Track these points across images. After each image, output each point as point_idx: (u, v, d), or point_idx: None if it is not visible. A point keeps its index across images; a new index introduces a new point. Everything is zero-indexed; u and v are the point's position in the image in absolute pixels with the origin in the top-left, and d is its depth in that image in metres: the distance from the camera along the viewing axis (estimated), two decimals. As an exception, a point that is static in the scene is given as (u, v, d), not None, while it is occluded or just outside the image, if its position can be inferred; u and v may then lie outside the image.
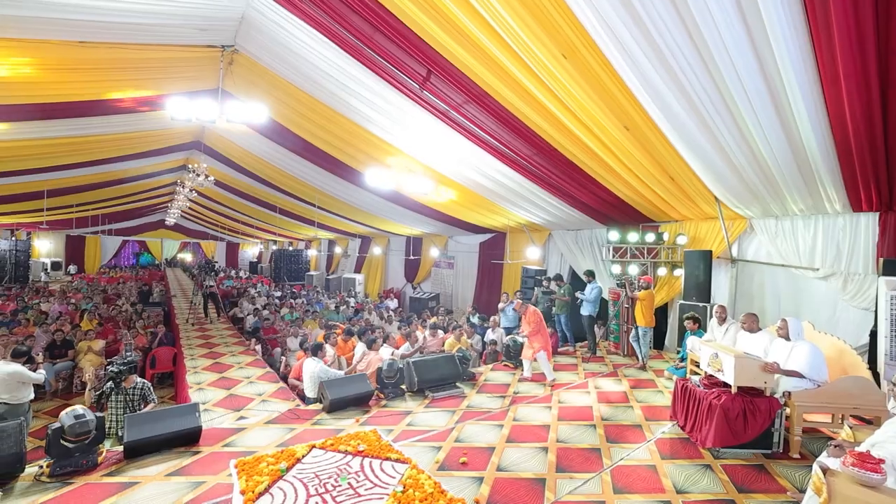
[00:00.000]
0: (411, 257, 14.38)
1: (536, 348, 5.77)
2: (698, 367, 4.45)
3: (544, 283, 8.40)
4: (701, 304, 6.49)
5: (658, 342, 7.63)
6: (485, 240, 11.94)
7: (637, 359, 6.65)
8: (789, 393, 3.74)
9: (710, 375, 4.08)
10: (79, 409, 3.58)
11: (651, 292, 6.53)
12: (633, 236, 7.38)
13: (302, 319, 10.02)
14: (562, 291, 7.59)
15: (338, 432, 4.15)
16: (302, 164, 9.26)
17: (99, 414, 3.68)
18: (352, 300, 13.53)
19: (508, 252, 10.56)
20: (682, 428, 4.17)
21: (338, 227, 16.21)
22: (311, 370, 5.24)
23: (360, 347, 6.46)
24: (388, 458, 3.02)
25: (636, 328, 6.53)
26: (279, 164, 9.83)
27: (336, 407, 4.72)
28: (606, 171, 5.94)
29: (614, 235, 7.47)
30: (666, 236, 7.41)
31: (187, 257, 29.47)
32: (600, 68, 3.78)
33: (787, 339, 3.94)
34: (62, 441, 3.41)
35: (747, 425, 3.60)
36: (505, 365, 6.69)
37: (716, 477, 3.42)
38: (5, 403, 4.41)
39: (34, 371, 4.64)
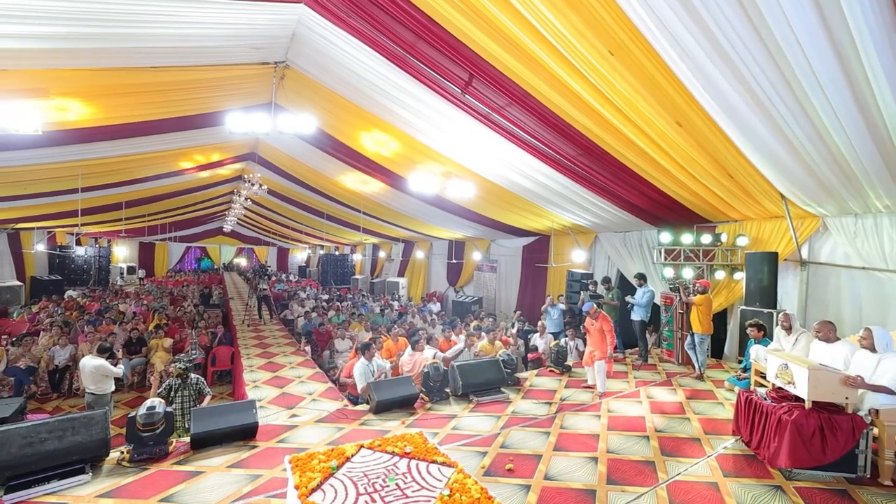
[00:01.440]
0: (454, 261, 14.43)
1: (597, 356, 5.52)
2: (764, 378, 4.11)
3: (591, 286, 8.14)
4: (766, 311, 6.02)
5: (716, 351, 7.15)
6: (528, 243, 11.76)
7: (693, 368, 6.27)
8: (877, 411, 3.37)
9: (779, 388, 3.77)
10: (153, 401, 3.90)
11: (708, 297, 6.14)
12: (686, 238, 6.98)
13: (348, 322, 10.33)
14: (610, 295, 7.32)
15: (384, 433, 4.23)
16: (349, 171, 9.59)
17: (168, 408, 3.98)
18: (396, 303, 13.78)
19: (553, 255, 10.33)
20: (747, 444, 3.87)
21: (382, 232, 16.60)
22: (360, 366, 5.41)
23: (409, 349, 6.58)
24: (434, 462, 3.03)
25: (692, 335, 6.16)
26: (327, 171, 10.23)
27: (382, 408, 4.82)
28: (657, 170, 5.66)
29: (666, 237, 7.11)
30: (724, 237, 6.94)
31: (242, 262, 31.34)
32: (650, 63, 3.62)
33: (873, 350, 3.55)
34: (137, 430, 3.72)
35: (826, 445, 3.27)
36: (551, 371, 6.54)
37: (789, 500, 3.15)
38: (92, 394, 4.90)
39: (115, 366, 5.10)
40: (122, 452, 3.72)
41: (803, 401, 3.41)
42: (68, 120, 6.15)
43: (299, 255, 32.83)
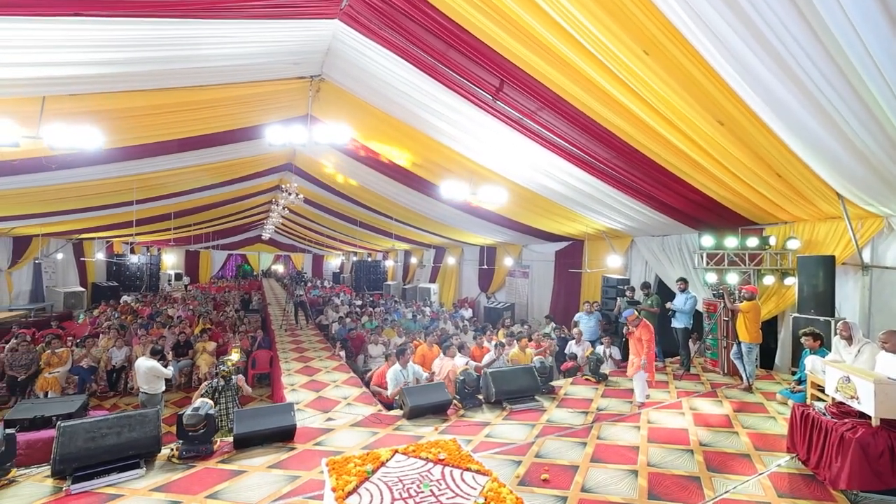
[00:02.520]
0: (485, 267, 14.37)
1: (637, 365, 5.32)
2: (822, 391, 3.83)
3: (628, 292, 7.88)
4: (821, 319, 5.61)
5: (766, 361, 6.73)
6: (561, 248, 11.55)
7: (741, 378, 5.92)
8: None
9: (840, 403, 3.50)
10: (200, 402, 4.09)
11: (756, 304, 5.80)
12: (731, 241, 6.64)
13: (381, 328, 10.48)
14: (649, 302, 7.07)
15: (417, 439, 4.25)
16: (381, 179, 9.78)
17: (211, 411, 4.17)
18: (427, 309, 13.85)
19: (587, 260, 10.09)
20: (804, 462, 3.61)
21: (414, 239, 16.78)
22: (394, 371, 5.48)
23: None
24: (468, 469, 3.01)
25: (738, 344, 5.83)
26: (360, 180, 10.48)
27: (415, 414, 4.84)
28: (697, 171, 5.44)
29: (708, 241, 6.80)
30: (773, 240, 6.55)
31: (279, 268, 32.49)
32: (688, 60, 3.50)
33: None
34: (186, 428, 3.92)
35: None
36: (587, 379, 6.36)
37: (853, 524, 2.91)
38: (145, 393, 5.21)
39: (165, 367, 5.41)
40: (172, 449, 3.93)
41: (869, 417, 3.14)
42: (124, 138, 6.63)
43: (333, 262, 33.69)
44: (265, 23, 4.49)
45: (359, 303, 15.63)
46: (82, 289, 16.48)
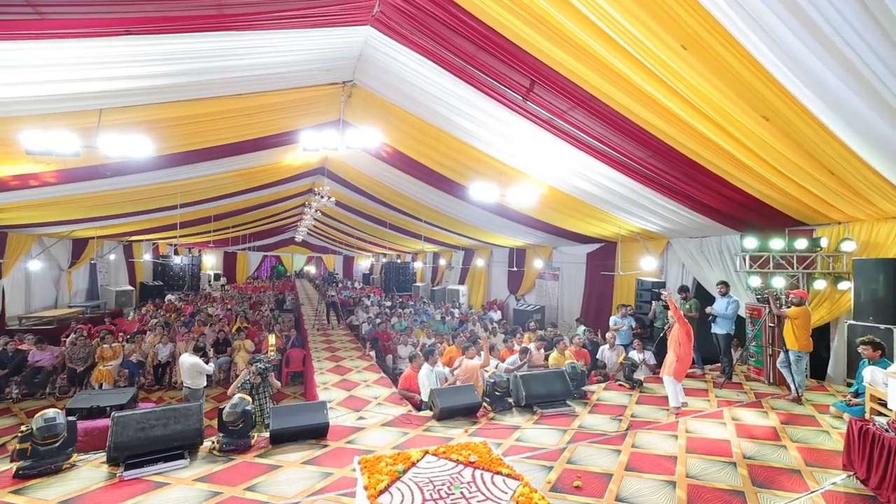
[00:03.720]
0: (514, 269, 14.23)
1: (668, 364, 5.11)
2: (884, 405, 3.56)
3: (664, 296, 7.59)
4: (882, 327, 5.22)
5: (817, 371, 6.33)
6: (593, 250, 11.29)
7: (788, 389, 5.58)
8: None
9: (903, 417, 3.24)
10: (239, 399, 4.26)
11: (806, 309, 5.46)
12: (776, 243, 6.29)
13: (410, 329, 10.57)
14: (688, 306, 6.80)
15: (447, 440, 4.25)
16: (411, 182, 9.88)
17: (249, 407, 4.33)
18: (456, 311, 13.86)
19: (620, 263, 9.81)
20: (864, 482, 3.36)
21: (443, 241, 16.84)
22: (424, 374, 5.51)
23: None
24: (499, 473, 2.99)
25: (786, 352, 5.50)
26: (391, 183, 10.63)
27: (445, 415, 4.85)
28: (739, 170, 5.18)
29: (751, 242, 6.47)
30: (824, 242, 6.15)
31: (311, 269, 33.39)
32: (731, 55, 3.34)
33: None
34: (226, 423, 4.09)
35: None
36: (620, 385, 6.18)
37: (919, 549, 2.68)
38: (188, 388, 5.48)
39: (207, 364, 5.67)
40: (213, 442, 4.11)
41: (936, 434, 2.90)
42: (170, 146, 7.01)
43: (363, 263, 34.29)
44: (300, 32, 4.64)
45: (388, 304, 15.83)
46: (132, 287, 17.53)
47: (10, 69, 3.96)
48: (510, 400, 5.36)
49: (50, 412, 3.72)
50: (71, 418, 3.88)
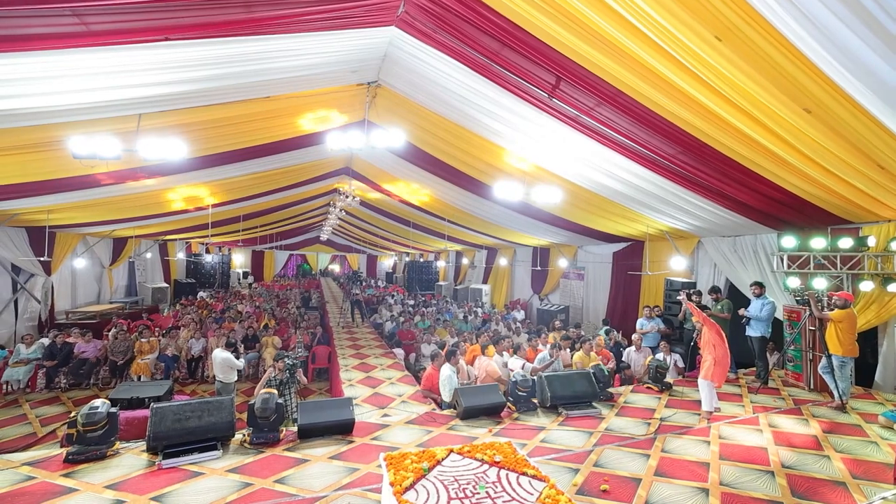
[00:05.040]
0: (538, 268, 14.08)
1: (705, 367, 4.94)
2: (937, 414, 3.34)
3: (694, 297, 7.35)
4: (935, 331, 4.89)
5: (863, 378, 5.99)
6: (619, 249, 11.04)
7: (831, 396, 5.31)
8: None
9: (960, 428, 3.02)
10: (269, 394, 4.38)
11: (851, 312, 5.18)
12: (818, 242, 5.98)
13: (433, 328, 10.61)
14: (719, 307, 6.55)
15: (471, 440, 4.25)
16: (434, 180, 9.91)
17: (279, 400, 4.45)
18: (479, 310, 13.82)
19: (647, 262, 9.56)
20: (914, 494, 3.16)
21: (466, 240, 16.83)
22: (445, 374, 5.52)
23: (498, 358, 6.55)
24: (524, 473, 2.96)
25: (829, 357, 5.23)
26: (414, 181, 10.69)
27: (469, 415, 4.85)
28: (777, 166, 4.95)
29: (790, 241, 6.18)
30: (872, 241, 5.81)
31: (336, 268, 33.99)
32: (770, 44, 3.19)
33: None
34: (256, 417, 4.21)
35: None
36: (648, 387, 6.03)
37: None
38: (220, 381, 5.67)
39: (237, 359, 5.86)
40: (244, 435, 4.25)
41: None
42: (203, 148, 7.27)
43: (386, 262, 34.65)
44: (327, 34, 4.72)
45: (411, 302, 15.94)
46: (167, 284, 18.29)
47: (59, 79, 4.19)
48: (535, 400, 5.30)
49: (97, 402, 3.94)
50: (113, 409, 4.08)
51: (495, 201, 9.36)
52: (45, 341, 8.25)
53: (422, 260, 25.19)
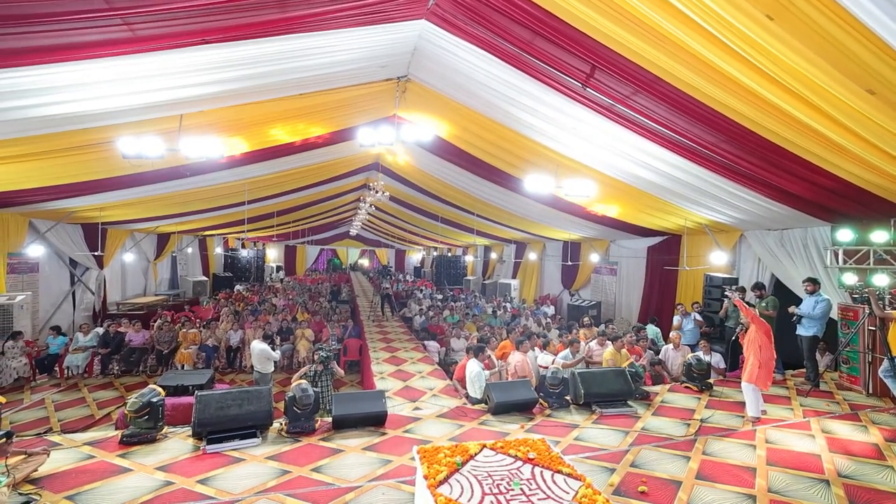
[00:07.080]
0: (568, 263, 13.80)
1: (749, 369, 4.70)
2: None
3: (738, 293, 7.00)
4: None
5: (928, 380, 5.52)
6: (654, 243, 10.65)
7: (893, 402, 4.95)
8: None
9: None
10: (305, 385, 4.50)
11: (916, 311, 4.79)
12: (879, 235, 5.56)
13: (462, 322, 10.61)
14: (764, 304, 6.22)
15: (504, 435, 4.22)
16: (463, 175, 9.86)
17: (316, 389, 4.56)
18: (508, 305, 13.71)
19: (685, 257, 9.18)
20: None
21: (494, 234, 16.70)
22: (471, 370, 5.50)
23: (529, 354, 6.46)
24: (559, 471, 2.91)
25: (891, 360, 4.86)
26: (443, 176, 10.68)
27: (501, 410, 4.82)
28: (832, 152, 4.61)
29: (846, 235, 5.77)
30: (941, 234, 5.34)
31: (365, 262, 34.54)
32: (829, 20, 2.95)
33: None
34: (294, 407, 4.34)
35: None
36: (686, 387, 5.81)
37: None
38: (258, 372, 5.89)
39: (274, 350, 6.05)
40: (282, 424, 4.38)
41: None
42: (240, 145, 7.51)
43: (414, 257, 34.90)
44: (357, 30, 4.74)
45: (440, 297, 16.00)
46: (206, 278, 19.13)
47: (108, 83, 4.42)
48: (567, 397, 5.21)
49: (147, 389, 4.17)
50: (159, 398, 4.31)
51: (525, 195, 9.21)
52: (100, 330, 8.82)
53: (450, 255, 25.21)
